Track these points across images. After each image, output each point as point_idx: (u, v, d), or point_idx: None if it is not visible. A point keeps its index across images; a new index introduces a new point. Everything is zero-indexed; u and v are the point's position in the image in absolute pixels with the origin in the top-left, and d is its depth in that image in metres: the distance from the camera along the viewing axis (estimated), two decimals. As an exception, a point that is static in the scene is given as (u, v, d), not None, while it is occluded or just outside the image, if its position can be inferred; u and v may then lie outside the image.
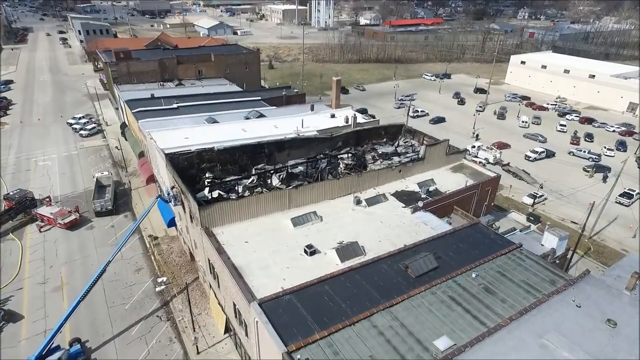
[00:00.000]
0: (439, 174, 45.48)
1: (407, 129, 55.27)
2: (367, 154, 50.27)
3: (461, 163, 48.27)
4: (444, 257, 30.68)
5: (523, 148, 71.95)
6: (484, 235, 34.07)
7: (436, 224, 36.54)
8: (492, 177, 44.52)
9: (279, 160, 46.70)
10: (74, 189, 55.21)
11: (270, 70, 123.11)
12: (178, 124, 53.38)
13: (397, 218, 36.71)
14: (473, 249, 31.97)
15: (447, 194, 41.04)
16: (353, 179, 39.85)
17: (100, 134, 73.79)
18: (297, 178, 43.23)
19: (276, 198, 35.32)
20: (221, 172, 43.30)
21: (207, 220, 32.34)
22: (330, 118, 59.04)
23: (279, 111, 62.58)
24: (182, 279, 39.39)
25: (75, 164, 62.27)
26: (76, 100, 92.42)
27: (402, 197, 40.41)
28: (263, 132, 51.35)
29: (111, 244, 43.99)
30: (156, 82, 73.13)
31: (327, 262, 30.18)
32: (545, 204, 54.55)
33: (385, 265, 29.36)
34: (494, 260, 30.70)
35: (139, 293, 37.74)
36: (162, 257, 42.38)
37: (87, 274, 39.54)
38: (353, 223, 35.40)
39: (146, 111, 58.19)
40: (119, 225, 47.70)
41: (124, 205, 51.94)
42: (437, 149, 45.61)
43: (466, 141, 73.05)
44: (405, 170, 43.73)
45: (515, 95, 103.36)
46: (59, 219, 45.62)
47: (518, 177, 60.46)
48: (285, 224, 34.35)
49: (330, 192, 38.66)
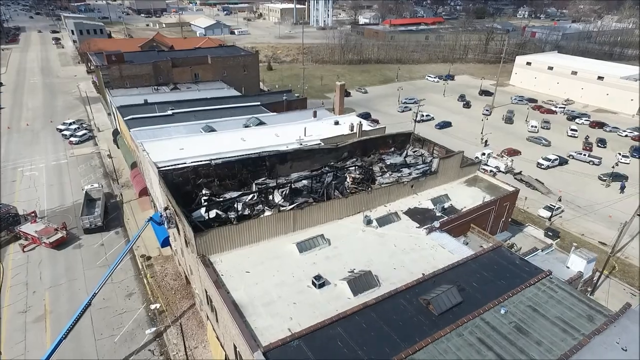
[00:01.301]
0: (453, 189, 42.44)
1: (416, 137, 52.23)
2: (375, 165, 47.19)
3: (475, 176, 45.25)
4: (467, 289, 27.67)
5: (534, 155, 69.06)
6: (508, 261, 31.06)
7: (454, 247, 33.53)
8: (510, 192, 41.51)
9: (281, 173, 43.56)
10: (62, 202, 51.85)
11: (269, 72, 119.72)
12: (172, 133, 50.16)
13: (412, 240, 33.64)
14: (498, 278, 28.98)
15: (463, 211, 38.00)
16: (362, 196, 36.74)
17: (92, 141, 70.31)
18: (301, 194, 40.08)
19: (280, 220, 32.17)
20: (219, 188, 40.14)
21: (204, 247, 29.16)
22: (334, 125, 56.05)
23: (279, 118, 59.40)
24: (177, 305, 36.20)
25: (64, 174, 58.86)
26: (67, 104, 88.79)
27: (415, 215, 37.35)
28: (263, 141, 48.28)
29: (100, 266, 40.76)
30: (150, 86, 69.73)
31: (338, 295, 27.08)
32: (562, 216, 51.62)
33: (403, 300, 26.29)
34: (522, 291, 27.72)
35: (130, 322, 34.54)
36: (156, 280, 39.17)
37: (73, 300, 36.32)
38: (364, 247, 32.29)
39: (139, 118, 54.90)
40: (109, 243, 44.41)
41: (115, 220, 48.65)
42: (451, 162, 42.55)
43: (475, 148, 70.11)
44: (417, 185, 40.65)
45: (521, 98, 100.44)
46: (44, 237, 42.32)
47: (532, 187, 57.54)
48: (290, 249, 31.21)
49: (338, 212, 35.55)
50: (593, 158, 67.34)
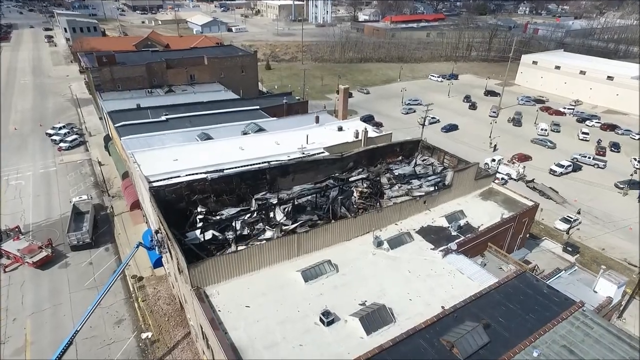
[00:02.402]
0: (468, 203, 39.51)
1: (425, 145, 49.24)
2: (382, 176, 44.22)
3: (490, 188, 42.32)
4: (493, 325, 24.81)
5: (544, 159, 66.17)
6: (535, 290, 28.21)
7: (472, 271, 30.64)
8: (529, 207, 38.60)
9: (282, 186, 40.55)
10: (49, 214, 48.70)
11: (268, 72, 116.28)
12: (166, 142, 47.00)
13: (427, 265, 30.73)
14: (526, 311, 26.14)
15: (481, 230, 35.08)
16: (372, 216, 33.74)
17: (83, 147, 67.03)
18: (305, 211, 37.11)
19: (282, 245, 29.16)
20: (216, 204, 37.11)
21: (199, 278, 26.18)
22: (338, 131, 53.00)
23: (280, 123, 56.24)
24: (170, 334, 33.26)
25: (53, 183, 55.66)
26: (58, 107, 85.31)
27: (429, 235, 34.42)
28: (263, 150, 45.16)
29: (88, 287, 37.76)
30: (144, 89, 66.40)
31: (349, 334, 24.17)
32: (579, 228, 48.80)
33: (423, 341, 23.41)
34: (555, 328, 24.92)
35: (119, 354, 31.58)
36: (148, 304, 36.20)
37: (57, 329, 33.36)
38: (375, 274, 29.36)
39: (131, 125, 51.69)
40: (98, 261, 41.38)
41: (106, 235, 45.59)
42: (466, 174, 39.59)
43: (484, 153, 67.22)
44: (430, 201, 37.70)
45: (529, 99, 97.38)
46: (27, 257, 39.25)
47: (546, 196, 54.68)
48: (294, 277, 28.25)
49: (345, 233, 32.58)
50: (598, 161, 64.75)
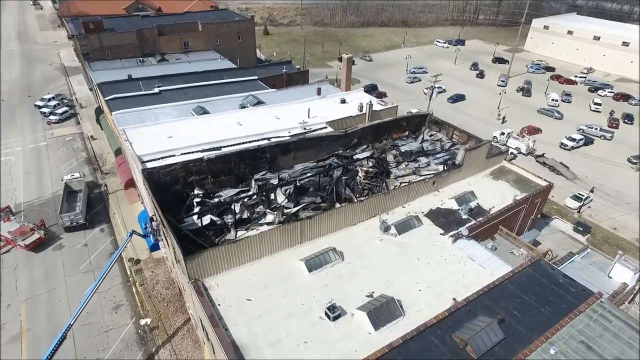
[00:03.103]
0: (478, 183, 37.63)
1: (433, 119, 46.74)
2: (388, 153, 42.06)
3: (501, 166, 40.29)
4: (507, 319, 23.58)
5: (556, 132, 63.71)
6: (550, 279, 26.84)
7: (484, 258, 29.18)
8: (543, 188, 36.72)
9: (283, 164, 38.49)
10: (41, 193, 46.87)
11: (266, 37, 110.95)
12: (160, 117, 44.46)
13: (436, 251, 29.23)
14: (542, 304, 24.85)
15: (492, 213, 33.38)
16: (378, 199, 31.89)
17: (74, 119, 64.25)
18: (307, 192, 35.27)
19: (284, 233, 27.50)
20: (214, 185, 35.21)
21: (197, 270, 24.68)
22: (341, 104, 50.32)
23: (279, 95, 53.37)
24: (169, 320, 32.30)
25: (43, 159, 53.46)
26: (47, 76, 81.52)
27: (438, 218, 32.75)
28: (262, 126, 42.82)
29: (84, 271, 36.55)
30: (135, 58, 62.79)
31: (356, 329, 22.94)
32: (590, 206, 47.22)
33: (434, 338, 22.21)
34: (572, 322, 23.68)
35: (118, 342, 30.72)
36: (146, 288, 35.08)
37: (52, 315, 32.36)
38: (382, 262, 27.90)
39: (122, 98, 48.88)
40: (93, 243, 39.98)
41: (100, 215, 43.98)
42: (477, 153, 37.43)
43: (491, 125, 64.66)
44: (439, 181, 35.77)
45: (538, 66, 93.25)
46: (19, 239, 37.77)
47: (556, 171, 52.73)
48: (297, 267, 26.78)
49: (350, 218, 30.87)
50: (604, 132, 62.50)
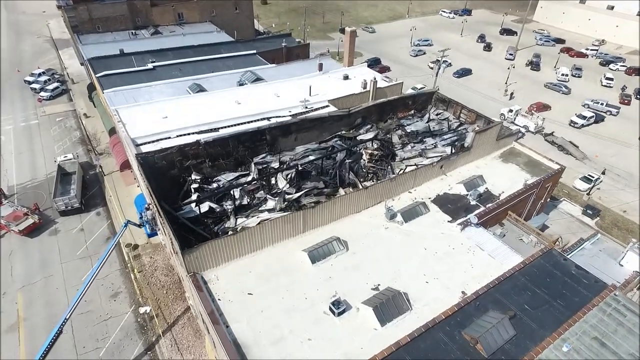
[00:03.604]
0: (487, 166, 36.17)
1: (440, 97, 44.73)
2: (393, 134, 40.39)
3: (511, 148, 38.70)
4: (518, 314, 22.76)
5: (565, 109, 61.59)
6: (563, 271, 25.88)
7: (493, 247, 28.16)
8: (554, 171, 35.30)
9: (284, 146, 36.93)
10: (34, 174, 45.44)
11: (264, 7, 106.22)
12: (154, 95, 42.48)
13: (444, 240, 28.15)
14: (554, 297, 23.99)
15: (502, 199, 32.11)
16: (384, 185, 30.51)
17: (66, 96, 61.91)
18: (309, 177, 33.89)
19: (286, 223, 26.29)
20: (211, 169, 33.78)
21: (196, 264, 23.64)
22: (343, 80, 48.16)
23: (279, 71, 51.04)
24: (169, 309, 31.66)
25: (35, 138, 51.68)
26: (36, 49, 78.24)
27: (445, 204, 31.52)
28: (262, 104, 41.00)
29: (80, 257, 35.67)
30: (127, 31, 59.79)
31: (361, 325, 22.13)
32: (599, 188, 45.94)
33: (443, 335, 21.41)
34: (585, 317, 22.87)
35: (117, 331, 30.15)
36: (144, 275, 34.28)
37: (50, 303, 31.69)
38: (388, 252, 26.86)
39: (114, 75, 46.61)
40: (89, 227, 38.94)
41: (96, 198, 42.74)
42: (487, 135, 35.75)
43: (498, 102, 62.45)
44: (447, 165, 34.29)
45: (548, 38, 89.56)
46: (13, 224, 36.67)
47: (565, 151, 51.10)
48: (300, 258, 25.74)
49: (355, 205, 29.61)
50: (610, 108, 60.54)
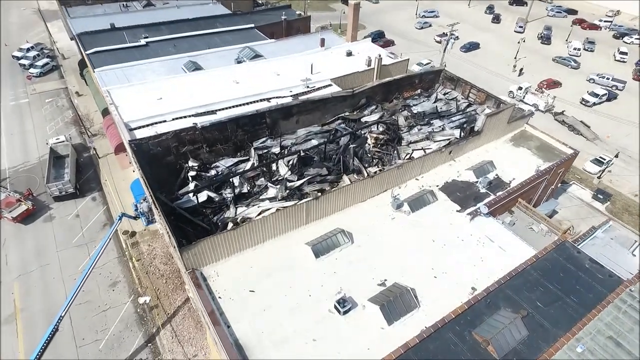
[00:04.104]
0: (497, 150, 34.63)
1: (448, 75, 42.60)
2: (399, 115, 38.65)
3: (523, 131, 37.02)
4: (530, 312, 21.92)
5: (577, 86, 59.27)
6: (576, 264, 24.91)
7: (504, 239, 27.13)
8: (568, 156, 33.81)
9: (285, 129, 35.33)
10: (26, 157, 43.90)
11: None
12: (147, 74, 40.39)
13: (453, 232, 27.04)
14: (567, 293, 23.11)
15: (513, 187, 30.79)
16: (390, 173, 29.09)
17: (57, 72, 59.41)
18: (312, 163, 32.45)
19: (289, 216, 25.07)
20: (209, 155, 32.32)
21: (194, 260, 22.59)
22: (347, 57, 45.90)
23: (279, 46, 48.54)
24: (169, 299, 30.99)
25: (26, 118, 49.76)
26: (24, 21, 74.70)
27: (454, 192, 30.23)
28: (261, 84, 39.13)
29: (76, 245, 34.74)
30: (117, 2, 56.62)
31: (368, 323, 21.33)
32: (610, 170, 44.53)
33: (453, 335, 20.62)
34: (599, 315, 22.04)
35: (116, 322, 29.56)
36: (143, 264, 33.44)
37: (47, 294, 30.98)
38: (395, 244, 25.79)
39: (105, 52, 44.23)
40: (85, 213, 37.82)
41: (91, 182, 41.40)
42: (499, 118, 33.99)
43: (507, 77, 60.03)
44: (456, 150, 32.75)
45: (559, 9, 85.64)
46: (6, 211, 35.53)
47: (576, 131, 49.33)
48: (304, 252, 24.69)
49: (360, 194, 28.32)
50: (617, 82, 58.48)
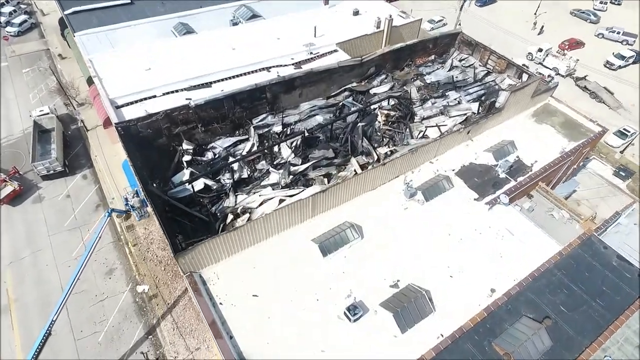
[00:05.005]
0: (518, 128, 31.81)
1: (464, 39, 38.74)
2: (410, 85, 35.43)
3: (546, 104, 33.94)
4: (554, 318, 20.50)
5: (601, 46, 54.79)
6: (602, 262, 23.23)
7: (524, 231, 25.33)
8: (595, 135, 31.05)
9: (286, 104, 32.42)
10: (9, 130, 41.00)
11: None
12: (133, 38, 36.64)
13: (470, 224, 25.09)
14: (593, 296, 21.62)
15: (535, 172, 28.41)
16: (403, 159, 26.56)
17: (36, 31, 54.65)
18: (317, 144, 29.87)
19: (293, 212, 22.92)
20: (205, 134, 29.69)
21: (192, 263, 20.79)
22: (353, 17, 41.70)
23: (278, 4, 43.75)
24: (168, 287, 29.72)
25: (7, 84, 46.09)
26: (-3, -30, 68.01)
27: (472, 178, 27.93)
28: (260, 50, 35.60)
29: (69, 229, 32.97)
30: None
31: (379, 330, 19.98)
32: (633, 143, 41.86)
33: (472, 346, 19.30)
34: (628, 321, 20.66)
35: (115, 313, 28.46)
36: (140, 249, 31.86)
37: (40, 283, 29.66)
38: (408, 239, 23.95)
39: (86, 12, 39.81)
40: (76, 193, 35.71)
41: (81, 158, 38.89)
42: (522, 93, 30.82)
43: (525, 38, 55.40)
44: (475, 129, 29.96)
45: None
46: (-9, 193, 33.45)
47: (598, 98, 45.96)
48: (309, 249, 22.86)
49: (370, 183, 26.02)
50: (627, 37, 54.42)
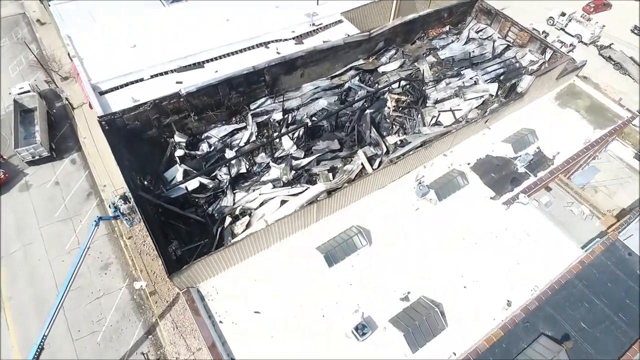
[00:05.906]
0: (540, 112, 29.23)
1: (482, 8, 35.02)
2: (423, 61, 32.34)
3: (571, 85, 31.04)
4: (574, 336, 19.36)
5: (630, 9, 50.16)
6: (626, 271, 21.85)
7: (544, 234, 23.78)
8: (624, 121, 28.53)
9: (287, 86, 29.70)
10: (-10, 110, 38.27)
11: None
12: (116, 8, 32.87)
13: (486, 226, 23.41)
14: (616, 310, 20.44)
15: (557, 165, 26.25)
16: (416, 155, 24.29)
17: (12, -8, 49.92)
18: (321, 133, 27.50)
19: (296, 220, 21.08)
20: (199, 123, 27.30)
21: (189, 280, 19.32)
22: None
23: (276, -36, 39.18)
24: (166, 284, 28.59)
25: (-17, 56, 42.61)
26: None
27: (488, 173, 25.86)
28: (257, 21, 32.22)
29: (60, 219, 31.35)
30: None
31: (388, 351, 18.90)
32: (657, 121, 39.17)
33: (487, 370, 18.28)
34: (651, 338, 19.54)
35: (112, 311, 27.53)
36: (135, 242, 30.43)
37: (34, 279, 28.50)
38: (419, 244, 22.38)
39: (60, -25, 35.62)
40: (65, 179, 33.68)
41: (68, 140, 36.38)
42: (548, 75, 27.86)
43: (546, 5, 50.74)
44: (493, 117, 27.41)
45: None
46: (-26, 183, 31.50)
47: (623, 70, 42.55)
48: (314, 258, 21.31)
49: (380, 182, 23.98)
50: None
